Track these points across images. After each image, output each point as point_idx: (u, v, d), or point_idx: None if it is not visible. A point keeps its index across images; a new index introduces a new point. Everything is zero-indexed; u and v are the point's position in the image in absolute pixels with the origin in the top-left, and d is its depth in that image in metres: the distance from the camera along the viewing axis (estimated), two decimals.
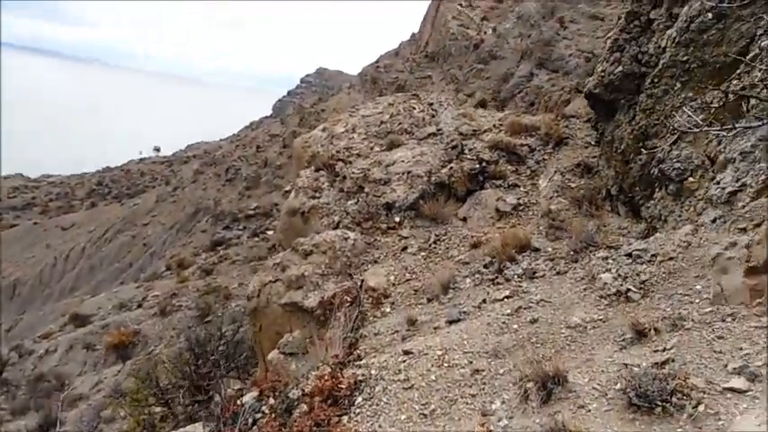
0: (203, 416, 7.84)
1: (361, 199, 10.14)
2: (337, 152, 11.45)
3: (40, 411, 19.79)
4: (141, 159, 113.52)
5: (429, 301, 7.23)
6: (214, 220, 49.23)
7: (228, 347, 11.05)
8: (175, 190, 61.26)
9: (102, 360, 24.88)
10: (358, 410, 4.91)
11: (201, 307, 25.99)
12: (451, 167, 10.21)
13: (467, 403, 4.75)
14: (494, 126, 11.56)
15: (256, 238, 43.14)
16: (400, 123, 12.01)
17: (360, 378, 5.24)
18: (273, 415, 5.12)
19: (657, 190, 7.53)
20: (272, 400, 5.43)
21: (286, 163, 57.28)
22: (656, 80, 7.75)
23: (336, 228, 9.60)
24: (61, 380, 23.00)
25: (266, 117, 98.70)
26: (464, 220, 9.49)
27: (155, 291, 31.20)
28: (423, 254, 8.65)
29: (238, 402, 5.35)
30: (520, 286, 6.81)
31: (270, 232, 45.48)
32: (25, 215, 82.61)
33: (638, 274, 5.91)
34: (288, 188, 54.65)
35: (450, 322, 6.33)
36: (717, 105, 6.39)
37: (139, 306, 29.26)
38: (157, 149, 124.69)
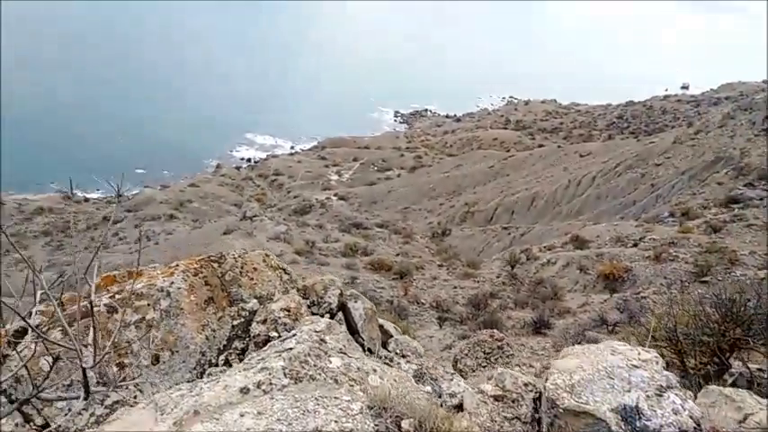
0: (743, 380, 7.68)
1: None
2: None
3: (535, 310, 23.53)
4: (666, 96, 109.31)
5: None
6: (735, 174, 43.79)
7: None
8: (697, 133, 56.87)
9: (591, 284, 27.14)
10: None
11: (700, 264, 24.43)
12: None
13: None
14: None
15: None
16: None
17: None
18: None
19: None
20: None
21: None
22: None
23: None
24: (555, 290, 26.47)
25: None
26: None
27: (653, 234, 31.08)
28: None
29: None
30: None
31: None
32: (551, 138, 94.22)
33: None
34: None
35: None
36: None
37: (635, 245, 29.89)
38: (685, 87, 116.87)
